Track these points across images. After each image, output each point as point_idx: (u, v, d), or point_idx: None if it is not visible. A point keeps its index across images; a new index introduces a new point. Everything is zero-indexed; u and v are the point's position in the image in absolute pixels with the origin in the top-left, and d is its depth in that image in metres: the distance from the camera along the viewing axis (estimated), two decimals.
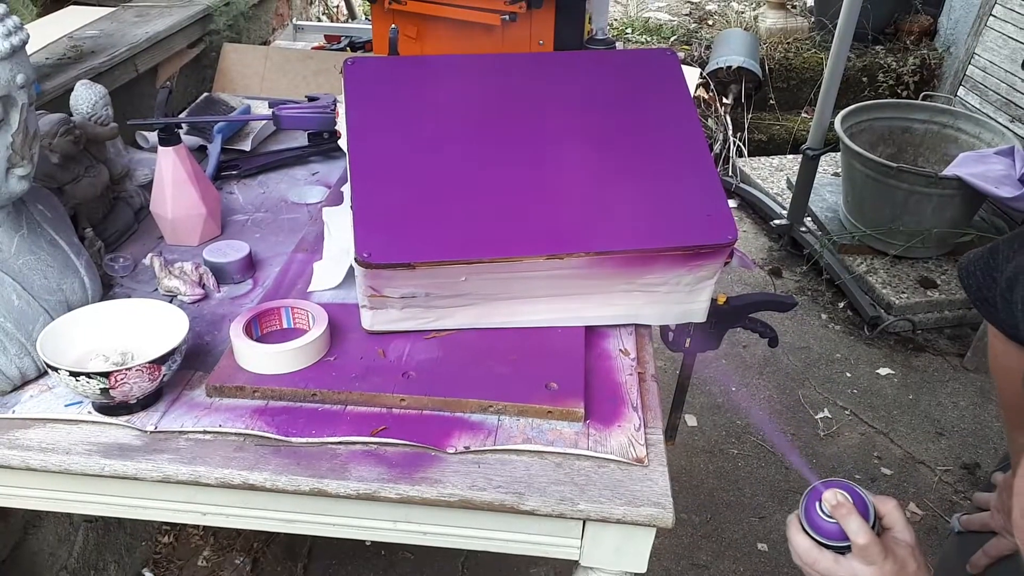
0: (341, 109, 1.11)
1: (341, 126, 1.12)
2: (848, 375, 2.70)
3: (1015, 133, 3.09)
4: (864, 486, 0.87)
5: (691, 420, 2.50)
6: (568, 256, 0.99)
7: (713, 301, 1.13)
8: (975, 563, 1.12)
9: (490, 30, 1.67)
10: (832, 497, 0.81)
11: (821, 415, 2.53)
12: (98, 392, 0.89)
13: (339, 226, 1.25)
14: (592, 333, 1.10)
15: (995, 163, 2.76)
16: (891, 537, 0.81)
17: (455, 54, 1.19)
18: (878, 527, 0.82)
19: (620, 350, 1.08)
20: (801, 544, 0.83)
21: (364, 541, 2.04)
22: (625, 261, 1.02)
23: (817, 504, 0.83)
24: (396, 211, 0.99)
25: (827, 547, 0.81)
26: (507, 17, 1.63)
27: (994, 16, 3.54)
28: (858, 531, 0.79)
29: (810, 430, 2.47)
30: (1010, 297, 1.00)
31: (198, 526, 2.03)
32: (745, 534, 2.12)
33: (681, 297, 1.09)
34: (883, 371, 2.73)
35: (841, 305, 3.03)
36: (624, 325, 1.12)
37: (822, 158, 3.07)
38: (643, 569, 0.93)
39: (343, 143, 1.09)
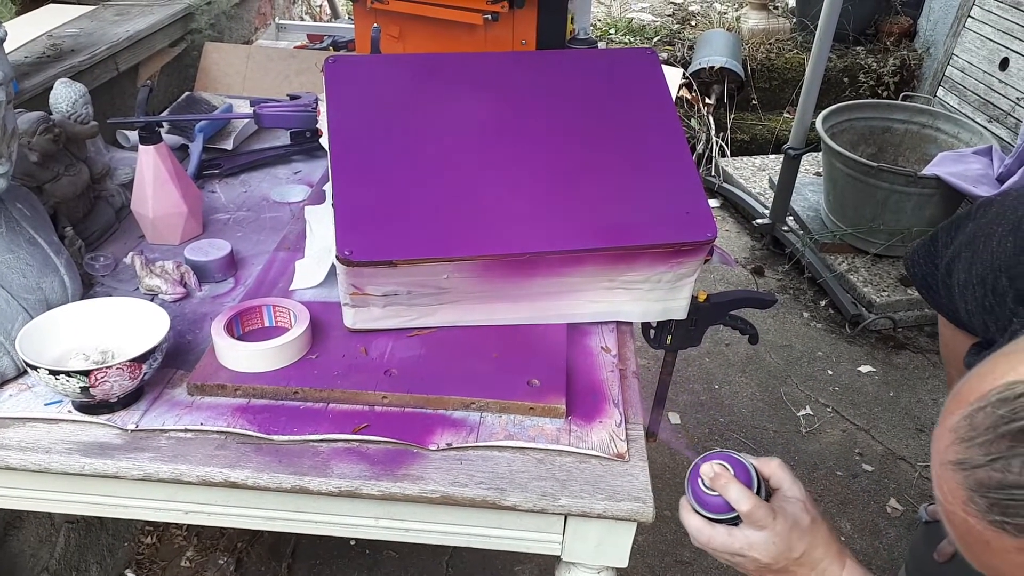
0: (322, 107, 1.11)
1: (322, 124, 1.12)
2: (830, 373, 2.72)
3: (993, 133, 3.13)
4: (846, 483, 0.88)
5: (675, 418, 2.51)
6: (549, 254, 0.99)
7: (694, 298, 1.14)
8: (942, 551, 1.14)
9: (472, 30, 1.67)
10: (709, 470, 0.82)
11: (803, 412, 2.55)
12: (78, 391, 0.89)
13: (321, 224, 1.25)
14: (574, 330, 1.11)
15: (973, 163, 2.79)
16: (781, 496, 0.82)
17: (436, 53, 1.20)
18: (764, 490, 0.82)
19: (601, 347, 1.09)
20: (693, 523, 0.84)
21: (349, 540, 2.03)
22: (605, 259, 1.02)
23: (699, 480, 0.84)
24: (378, 209, 1.00)
25: (718, 521, 0.82)
26: (489, 17, 1.63)
27: (972, 18, 3.59)
28: (739, 498, 0.80)
29: (792, 427, 2.49)
30: (949, 282, 1.02)
31: (181, 526, 2.02)
32: None
33: (662, 294, 1.10)
34: (864, 368, 2.75)
35: (823, 303, 3.06)
36: (606, 323, 1.13)
37: (804, 158, 3.09)
38: (624, 564, 0.94)
39: (324, 141, 1.09)
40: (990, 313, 0.93)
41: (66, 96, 1.27)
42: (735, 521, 0.82)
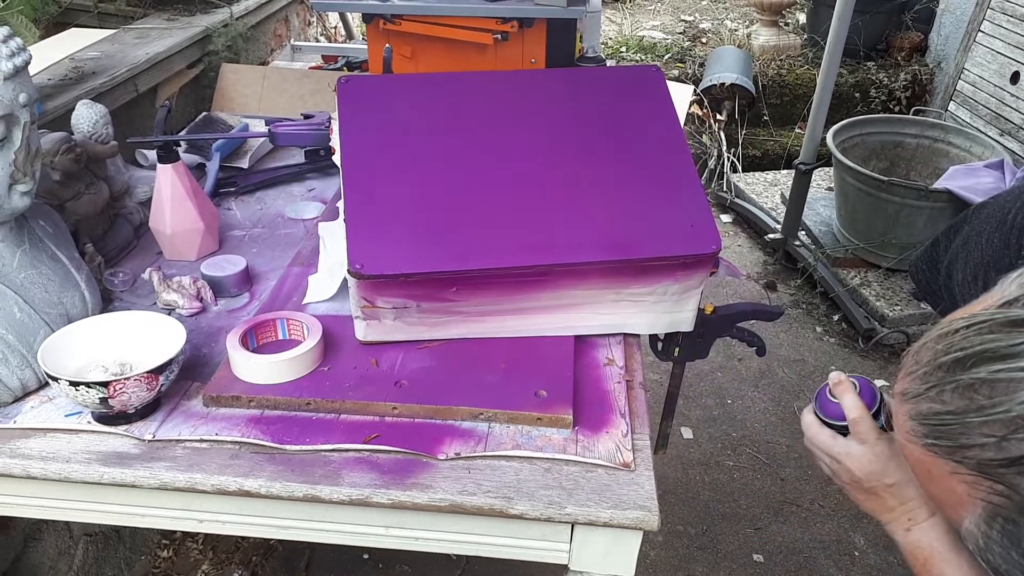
0: (335, 126, 1.14)
1: (335, 142, 1.15)
2: None
3: (1004, 146, 3.13)
4: None
5: (687, 433, 2.51)
6: (556, 267, 1.01)
7: (701, 311, 1.15)
8: None
9: (483, 49, 1.70)
10: (836, 376, 0.87)
11: None
12: (97, 402, 0.92)
13: (334, 240, 1.28)
14: (581, 342, 1.13)
15: (985, 176, 2.79)
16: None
17: (446, 72, 1.23)
18: (883, 421, 0.85)
19: (608, 359, 1.10)
20: (807, 419, 0.89)
21: (362, 554, 2.05)
22: (611, 272, 1.04)
23: (827, 390, 0.89)
24: (388, 224, 1.02)
25: (830, 426, 0.86)
26: (499, 36, 1.66)
27: (983, 32, 3.59)
28: (852, 406, 0.84)
29: None
30: (950, 284, 1.04)
31: (197, 540, 2.04)
32: (740, 545, 2.13)
33: (668, 307, 1.12)
34: (878, 383, 2.74)
35: (835, 318, 3.05)
36: (613, 335, 1.15)
37: (816, 173, 3.10)
38: (631, 573, 0.95)
39: (337, 159, 1.12)
40: None
41: (87, 117, 1.30)
42: (844, 431, 0.86)
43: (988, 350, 0.54)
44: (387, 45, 1.66)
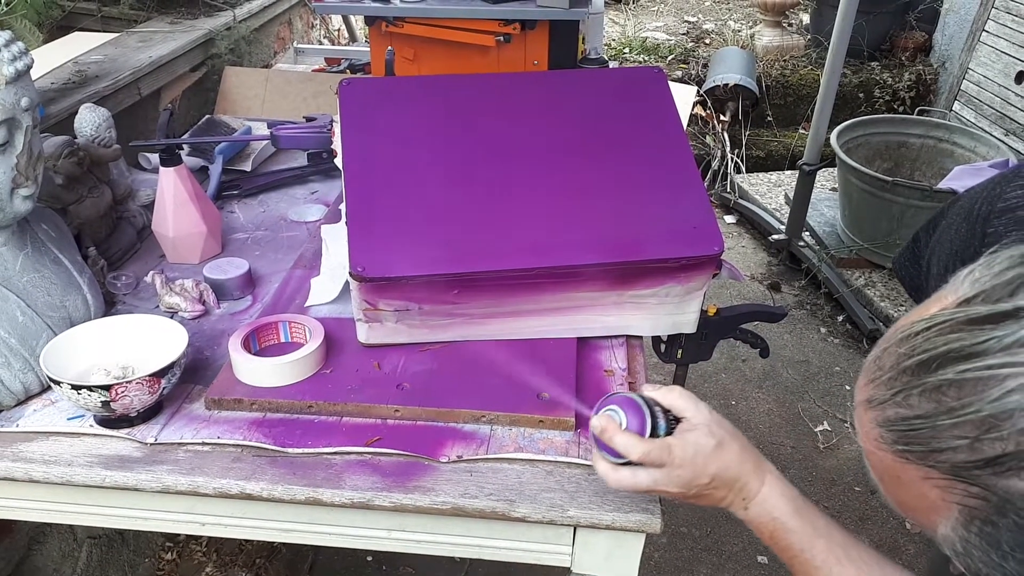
0: (337, 128, 1.14)
1: (337, 145, 1.15)
2: (847, 388, 2.71)
3: (1009, 146, 3.11)
4: (864, 499, 0.88)
5: None
6: (558, 269, 1.01)
7: (704, 312, 1.15)
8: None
9: (485, 51, 1.70)
10: (596, 423, 0.82)
11: (821, 428, 2.54)
12: (99, 405, 0.92)
13: (337, 242, 1.28)
14: (583, 344, 1.13)
15: (990, 176, 2.78)
16: (686, 425, 0.81)
17: (448, 74, 1.23)
18: (665, 424, 0.81)
19: (611, 361, 1.10)
20: (600, 468, 0.83)
21: (365, 556, 2.05)
22: (614, 274, 1.04)
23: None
24: (390, 227, 1.02)
25: (624, 464, 0.81)
26: (501, 38, 1.66)
27: (987, 32, 3.58)
28: (627, 447, 0.79)
29: (810, 443, 2.48)
30: (929, 278, 1.03)
31: (200, 542, 2.04)
32: (745, 547, 2.12)
33: (671, 308, 1.11)
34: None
35: (840, 319, 3.05)
36: (615, 336, 1.15)
37: (820, 173, 3.09)
38: (634, 575, 0.95)
39: (339, 162, 1.12)
40: None
41: (90, 120, 1.31)
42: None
43: (952, 350, 0.53)
44: (389, 48, 1.66)
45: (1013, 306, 0.52)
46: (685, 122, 3.24)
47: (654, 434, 0.81)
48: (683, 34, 4.83)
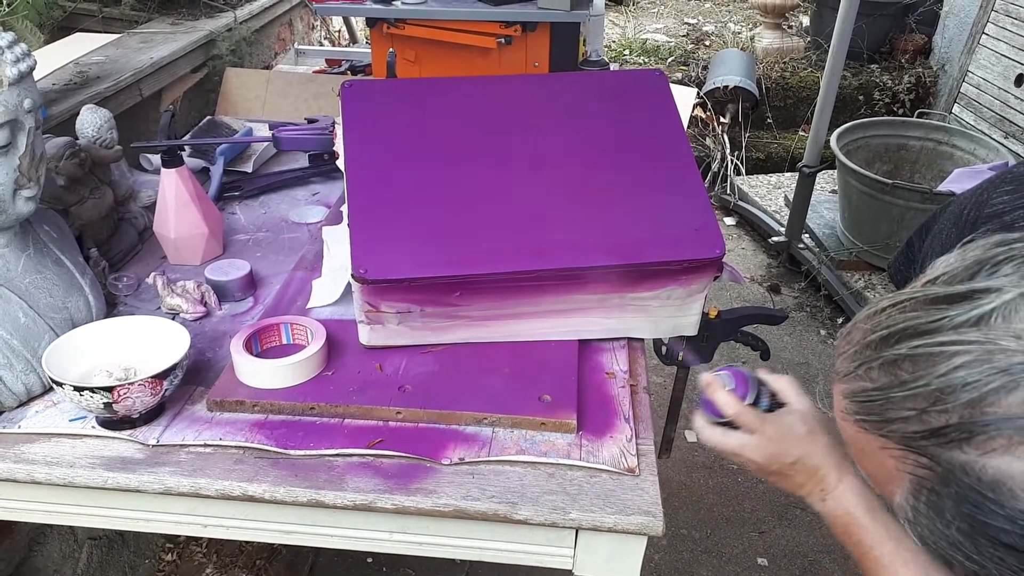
0: (339, 130, 1.14)
1: (339, 146, 1.15)
2: None
3: (1009, 149, 3.12)
4: None
5: (691, 436, 2.51)
6: (559, 271, 1.01)
7: (705, 315, 1.15)
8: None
9: (486, 53, 1.71)
10: (705, 378, 0.90)
11: None
12: (101, 407, 0.92)
13: (338, 244, 1.28)
14: (585, 347, 1.13)
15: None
16: (787, 408, 0.87)
17: (449, 76, 1.23)
18: (767, 402, 0.88)
19: (612, 363, 1.10)
20: (697, 423, 0.90)
21: (366, 558, 2.05)
22: (615, 276, 1.04)
23: None
24: (392, 229, 1.02)
25: (722, 424, 0.88)
26: (503, 40, 1.66)
27: (987, 34, 3.59)
28: (724, 404, 0.87)
29: None
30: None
31: (201, 543, 2.04)
32: (745, 549, 2.12)
33: (672, 311, 1.11)
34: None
35: (840, 321, 3.05)
36: (617, 339, 1.15)
37: (820, 175, 3.09)
38: None
39: (341, 163, 1.12)
40: None
41: (92, 122, 1.31)
42: (734, 426, 0.88)
43: (910, 327, 0.56)
44: (391, 49, 1.66)
45: (968, 288, 0.55)
46: (685, 124, 3.24)
47: (754, 406, 0.87)
48: (683, 36, 4.84)
